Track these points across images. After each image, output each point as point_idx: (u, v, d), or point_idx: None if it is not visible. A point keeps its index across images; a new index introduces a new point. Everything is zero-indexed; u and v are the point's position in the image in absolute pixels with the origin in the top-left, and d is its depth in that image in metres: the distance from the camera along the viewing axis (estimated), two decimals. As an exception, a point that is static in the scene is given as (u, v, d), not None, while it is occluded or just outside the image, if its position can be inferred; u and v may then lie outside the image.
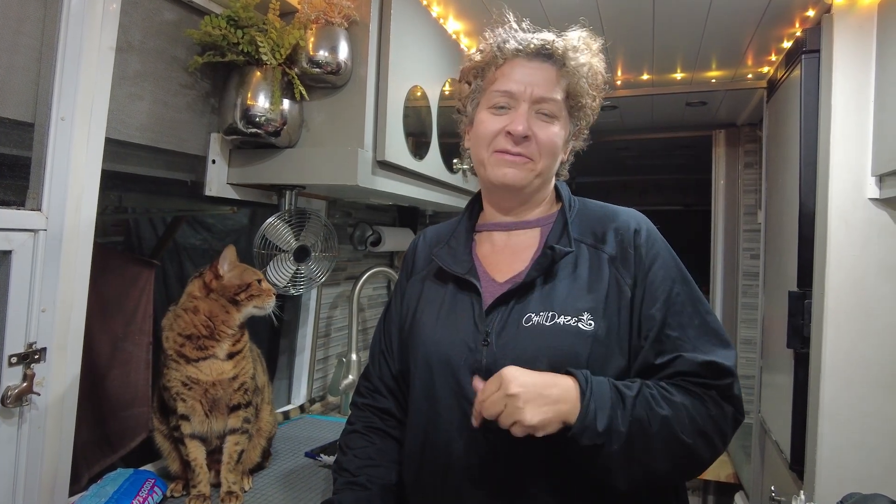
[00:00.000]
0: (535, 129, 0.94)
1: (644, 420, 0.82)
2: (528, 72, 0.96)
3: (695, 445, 0.84)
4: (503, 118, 0.96)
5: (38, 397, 1.06)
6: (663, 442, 0.82)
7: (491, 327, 0.92)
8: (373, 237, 2.22)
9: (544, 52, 0.96)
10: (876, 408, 1.52)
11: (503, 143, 0.95)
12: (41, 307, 1.06)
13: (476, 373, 0.91)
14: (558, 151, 0.98)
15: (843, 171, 1.57)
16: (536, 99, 0.95)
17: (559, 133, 0.97)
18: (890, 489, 1.18)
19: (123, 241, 2.14)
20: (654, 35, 1.95)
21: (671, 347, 0.88)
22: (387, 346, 1.10)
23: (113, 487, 1.13)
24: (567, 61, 0.96)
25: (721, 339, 0.90)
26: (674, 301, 0.91)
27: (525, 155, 0.95)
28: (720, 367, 0.87)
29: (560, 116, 0.97)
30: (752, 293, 2.97)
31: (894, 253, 1.53)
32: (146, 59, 1.29)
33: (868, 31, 1.55)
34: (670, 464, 0.83)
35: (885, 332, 1.53)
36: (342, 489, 0.99)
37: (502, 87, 0.96)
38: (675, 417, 0.83)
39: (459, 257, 1.02)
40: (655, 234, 0.97)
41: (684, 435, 0.83)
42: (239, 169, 1.52)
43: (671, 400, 0.84)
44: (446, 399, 0.94)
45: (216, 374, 1.17)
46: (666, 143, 3.65)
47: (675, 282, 0.92)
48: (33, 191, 1.07)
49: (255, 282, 1.23)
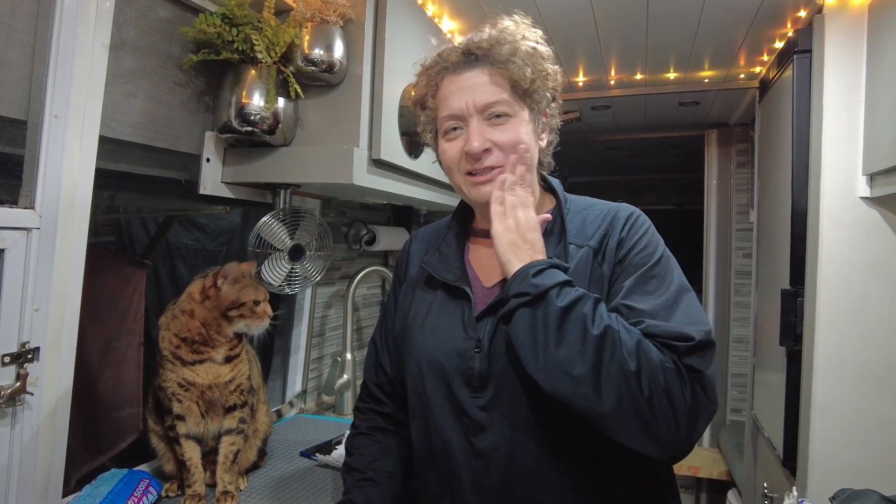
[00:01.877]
0: (494, 137, 0.92)
1: (585, 317, 0.78)
2: (461, 86, 0.93)
3: (639, 379, 0.75)
4: (459, 140, 0.94)
5: (32, 397, 1.05)
6: (597, 357, 0.76)
7: (483, 333, 0.92)
8: (367, 236, 2.22)
9: (468, 59, 0.93)
10: (867, 404, 1.54)
11: (468, 165, 0.94)
12: (34, 306, 1.05)
13: (468, 380, 0.91)
14: (529, 144, 0.95)
15: (835, 171, 1.59)
16: (481, 108, 0.92)
17: (521, 127, 0.93)
18: (881, 484, 1.20)
19: (115, 241, 2.12)
20: (647, 34, 1.96)
21: (636, 314, 0.83)
22: (383, 350, 1.10)
23: (107, 488, 1.12)
24: (494, 57, 0.92)
25: (697, 317, 0.84)
26: (647, 277, 0.87)
27: (494, 166, 0.93)
28: (686, 334, 0.80)
29: (515, 111, 0.93)
30: (745, 292, 2.99)
31: (884, 250, 1.55)
32: (140, 56, 1.28)
33: (859, 31, 1.57)
34: (609, 386, 0.75)
35: (875, 328, 1.55)
36: (352, 488, 0.99)
37: (445, 112, 0.95)
38: (625, 341, 0.77)
39: (451, 264, 1.01)
40: (642, 222, 0.95)
41: (630, 361, 0.75)
42: (233, 167, 1.51)
43: (627, 327, 0.80)
44: (440, 405, 0.94)
45: (212, 378, 1.16)
46: (659, 143, 3.67)
47: (655, 265, 0.89)
48: (26, 189, 1.06)
49: (251, 303, 1.19)
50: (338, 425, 1.71)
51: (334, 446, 1.44)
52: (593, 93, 2.58)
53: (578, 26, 1.86)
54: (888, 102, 1.43)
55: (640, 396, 0.75)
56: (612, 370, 0.76)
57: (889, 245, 1.54)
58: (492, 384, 0.90)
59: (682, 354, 0.79)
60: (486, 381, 0.90)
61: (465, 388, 0.91)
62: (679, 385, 0.77)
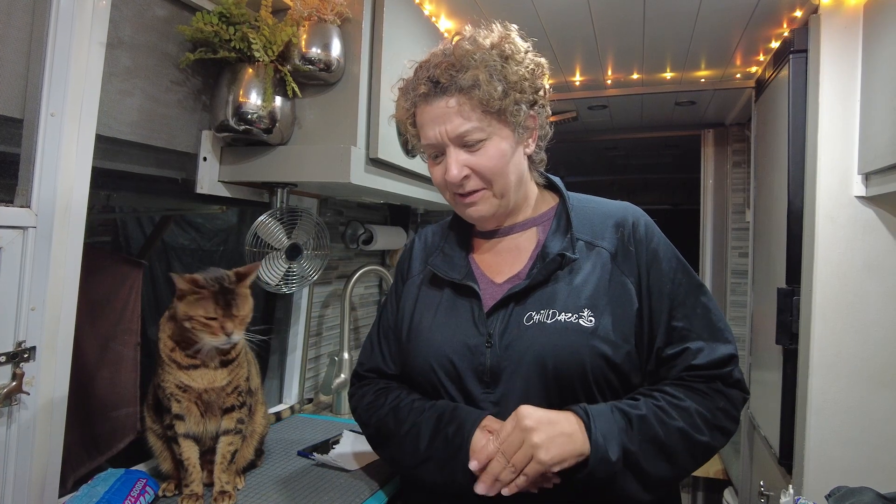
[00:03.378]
0: (472, 163, 0.93)
1: (660, 436, 0.85)
2: (433, 116, 0.93)
3: (712, 440, 0.89)
4: (442, 166, 0.96)
5: (28, 397, 1.05)
6: (684, 450, 0.86)
7: (493, 329, 0.92)
8: (364, 235, 2.22)
9: (436, 88, 0.93)
10: (862, 402, 1.55)
11: (452, 188, 0.96)
12: (31, 305, 1.04)
13: (480, 375, 0.91)
14: (507, 164, 0.94)
15: (830, 170, 1.60)
16: (454, 138, 0.92)
17: (499, 147, 0.93)
18: (876, 482, 1.20)
19: (111, 241, 2.12)
20: (644, 34, 1.96)
21: (678, 338, 0.92)
22: (378, 346, 1.10)
23: (104, 487, 1.12)
24: (459, 84, 0.90)
25: (721, 323, 0.95)
26: (677, 291, 0.94)
27: (476, 190, 0.95)
28: (722, 356, 0.92)
29: (490, 132, 0.92)
30: (741, 291, 3.00)
31: (879, 249, 1.55)
32: (137, 55, 1.27)
33: (854, 31, 1.58)
34: (693, 464, 0.89)
35: (870, 327, 1.55)
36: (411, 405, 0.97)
37: (425, 142, 0.97)
38: (690, 423, 0.87)
39: (456, 263, 1.02)
40: (653, 227, 0.99)
41: (701, 436, 0.88)
42: (230, 166, 1.51)
43: (681, 406, 0.87)
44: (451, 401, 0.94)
45: (208, 383, 1.14)
46: (655, 143, 3.68)
47: (676, 272, 0.95)
48: (22, 188, 1.05)
49: (200, 317, 1.07)
50: (335, 425, 1.71)
51: (332, 445, 1.44)
52: (590, 92, 2.59)
53: (575, 25, 1.86)
54: (883, 102, 1.43)
55: (715, 449, 0.90)
56: (697, 452, 0.89)
57: (884, 244, 1.55)
58: (503, 380, 0.90)
59: (726, 378, 0.92)
60: (497, 376, 0.90)
61: (478, 383, 0.92)
62: (732, 409, 0.92)
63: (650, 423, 0.85)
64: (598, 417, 0.83)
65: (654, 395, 0.89)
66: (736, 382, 0.93)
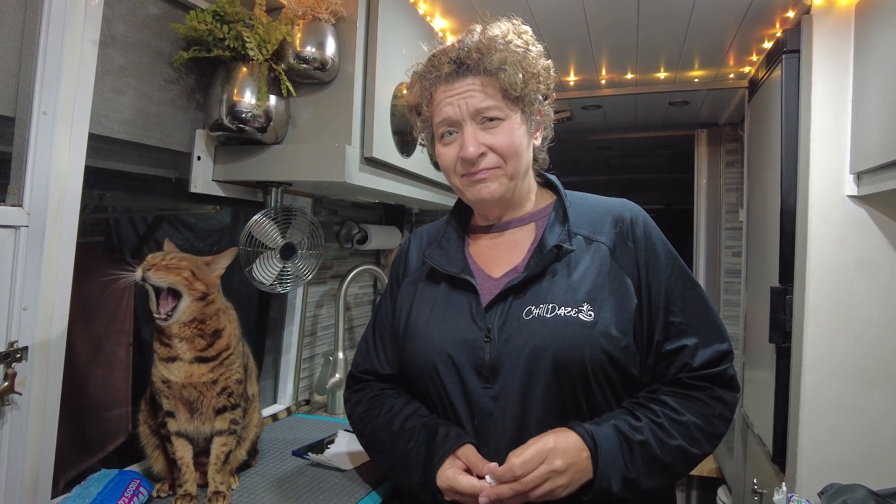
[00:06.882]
0: (489, 141, 0.94)
1: (659, 456, 0.87)
2: (454, 93, 0.95)
3: (708, 448, 0.93)
4: (455, 145, 0.96)
5: (20, 397, 1.04)
6: (682, 463, 0.90)
7: (492, 323, 0.92)
8: (359, 235, 2.22)
9: (460, 69, 0.95)
10: (854, 400, 1.56)
11: (464, 167, 0.96)
12: (23, 305, 1.03)
13: (479, 369, 0.91)
14: (522, 146, 0.96)
15: (823, 169, 1.60)
16: (474, 112, 0.93)
17: (514, 129, 0.95)
18: (868, 479, 1.21)
19: (104, 241, 2.10)
20: (638, 34, 1.97)
21: (676, 333, 0.94)
22: (374, 347, 1.10)
23: (97, 488, 1.11)
24: (485, 66, 0.93)
25: (717, 319, 0.98)
26: (674, 287, 0.95)
27: (489, 168, 0.95)
28: (718, 353, 0.95)
29: (507, 114, 0.95)
30: (735, 290, 3.01)
31: (871, 248, 1.56)
32: (130, 53, 1.27)
33: (846, 32, 1.59)
34: (688, 471, 0.95)
35: (862, 325, 1.56)
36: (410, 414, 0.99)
37: (440, 118, 0.96)
38: (688, 438, 0.89)
39: (452, 257, 1.02)
40: (651, 224, 1.00)
41: (698, 449, 0.91)
42: (224, 166, 1.50)
43: (679, 421, 0.90)
44: (452, 397, 0.94)
45: (185, 377, 1.13)
46: (649, 143, 3.70)
47: (673, 268, 0.96)
48: (14, 186, 1.04)
49: None
50: (330, 425, 1.71)
51: (326, 445, 1.44)
52: (584, 92, 2.59)
53: (569, 25, 1.87)
54: (875, 102, 1.45)
55: (709, 453, 0.94)
56: (695, 462, 0.92)
57: (876, 243, 1.56)
58: (502, 374, 0.90)
59: (721, 377, 0.94)
60: (496, 371, 0.91)
61: (476, 378, 0.92)
62: (726, 411, 0.94)
63: (650, 447, 0.87)
64: (604, 445, 0.85)
65: (654, 408, 0.91)
66: (729, 380, 0.96)
